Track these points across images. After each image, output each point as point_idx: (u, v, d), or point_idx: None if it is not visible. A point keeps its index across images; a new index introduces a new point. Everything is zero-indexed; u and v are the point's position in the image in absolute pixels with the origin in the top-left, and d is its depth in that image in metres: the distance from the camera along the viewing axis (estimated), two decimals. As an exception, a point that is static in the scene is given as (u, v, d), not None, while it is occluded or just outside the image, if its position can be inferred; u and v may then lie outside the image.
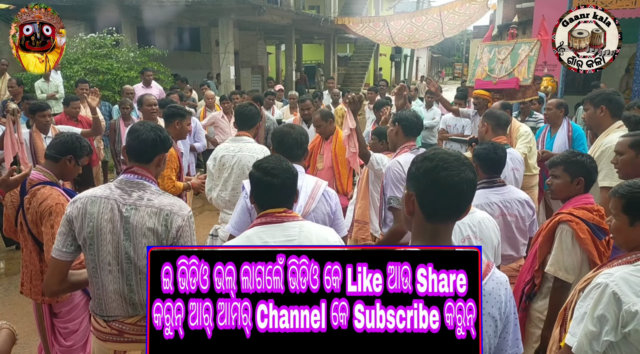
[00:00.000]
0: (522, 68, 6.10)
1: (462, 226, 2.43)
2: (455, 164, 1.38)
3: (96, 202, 2.12)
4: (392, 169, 3.18)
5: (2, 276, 5.25)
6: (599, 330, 1.74)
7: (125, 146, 2.25)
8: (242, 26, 17.06)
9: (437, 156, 1.41)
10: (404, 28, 16.33)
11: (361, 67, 23.93)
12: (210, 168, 3.80)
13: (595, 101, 3.56)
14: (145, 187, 2.17)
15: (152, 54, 11.65)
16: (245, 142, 3.74)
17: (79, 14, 12.96)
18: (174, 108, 4.22)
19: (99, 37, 11.37)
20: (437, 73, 50.10)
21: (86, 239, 2.12)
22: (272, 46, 25.37)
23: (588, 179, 2.73)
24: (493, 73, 6.30)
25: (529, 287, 2.78)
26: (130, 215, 2.10)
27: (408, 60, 32.72)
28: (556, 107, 5.19)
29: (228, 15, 13.52)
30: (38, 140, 5.03)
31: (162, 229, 2.10)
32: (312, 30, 20.69)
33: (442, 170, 1.37)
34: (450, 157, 1.41)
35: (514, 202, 3.14)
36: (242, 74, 18.76)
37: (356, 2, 25.67)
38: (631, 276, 1.75)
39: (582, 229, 2.54)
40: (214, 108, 8.24)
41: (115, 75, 10.43)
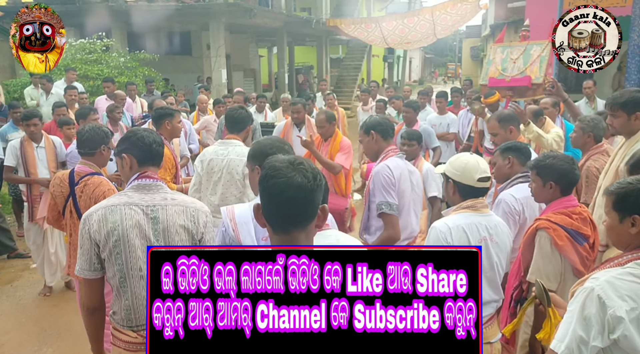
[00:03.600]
0: (534, 67, 6.24)
1: (480, 227, 2.40)
2: (284, 171, 1.35)
3: (116, 211, 2.10)
4: (381, 174, 3.08)
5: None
6: (587, 335, 1.68)
7: (136, 152, 2.24)
8: (233, 29, 17.04)
9: (269, 163, 1.39)
10: (396, 29, 16.41)
11: (354, 68, 23.95)
12: (198, 170, 3.74)
13: (629, 108, 3.17)
14: (163, 189, 2.21)
15: (143, 58, 11.60)
16: (234, 146, 3.68)
17: (69, 19, 12.82)
18: (160, 110, 4.28)
19: (89, 42, 11.30)
20: (430, 73, 50.29)
21: (112, 250, 2.09)
22: (264, 49, 25.37)
23: (562, 183, 2.65)
24: (506, 72, 6.45)
25: (517, 292, 2.75)
26: (159, 215, 2.12)
27: (401, 61, 32.78)
28: (552, 106, 5.21)
29: (219, 18, 13.50)
30: (29, 149, 4.95)
31: (192, 226, 2.16)
32: (304, 33, 20.70)
33: (270, 178, 1.36)
34: (281, 163, 1.37)
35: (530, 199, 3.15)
36: (234, 77, 18.74)
37: (348, 4, 25.72)
38: (617, 280, 1.70)
39: (560, 235, 2.49)
40: (207, 112, 8.22)
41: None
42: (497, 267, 2.43)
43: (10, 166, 4.95)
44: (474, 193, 2.47)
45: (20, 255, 5.93)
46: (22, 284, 5.33)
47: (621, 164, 3.10)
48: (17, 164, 4.95)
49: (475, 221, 2.40)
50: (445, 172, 2.54)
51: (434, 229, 2.37)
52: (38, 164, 4.96)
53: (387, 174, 3.05)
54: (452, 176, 2.49)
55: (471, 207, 2.44)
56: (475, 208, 2.44)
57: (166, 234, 2.11)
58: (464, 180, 2.46)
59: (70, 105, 6.85)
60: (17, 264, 5.82)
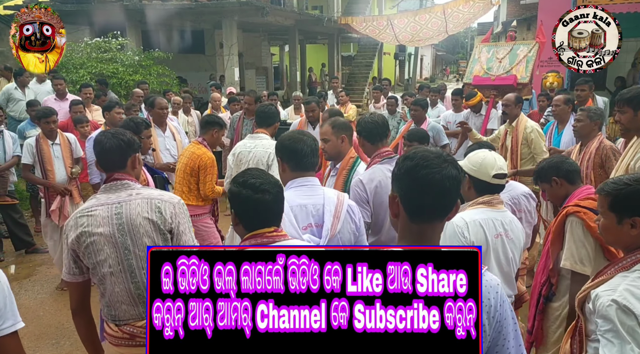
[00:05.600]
0: (520, 67, 6.25)
1: (496, 223, 2.42)
2: (436, 162, 1.35)
3: (84, 214, 2.15)
4: (352, 188, 2.88)
5: (13, 280, 5.29)
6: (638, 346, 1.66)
7: (96, 161, 2.30)
8: (245, 28, 17.08)
9: (417, 154, 1.38)
10: (407, 26, 16.33)
11: (365, 66, 23.87)
12: (230, 163, 4.11)
13: (635, 103, 3.17)
14: (131, 186, 2.22)
15: (157, 57, 11.70)
16: (261, 140, 4.04)
17: (85, 18, 13.02)
18: (214, 117, 4.54)
19: (104, 41, 11.42)
20: (441, 71, 49.94)
21: (84, 252, 2.14)
22: (275, 47, 25.39)
23: (566, 176, 2.80)
24: (491, 71, 6.46)
25: (545, 287, 2.77)
26: (122, 210, 2.13)
27: (412, 58, 32.62)
28: (564, 103, 5.16)
29: (231, 17, 13.55)
30: (44, 146, 5.04)
31: (158, 217, 2.15)
32: (315, 31, 20.69)
33: (422, 168, 1.34)
34: (430, 154, 1.37)
35: (521, 197, 3.19)
36: (247, 75, 18.78)
37: (359, 2, 25.62)
38: (632, 287, 1.73)
39: (591, 218, 2.52)
40: (220, 110, 8.28)
41: (120, 79, 10.48)
42: (512, 263, 2.46)
43: (27, 164, 5.06)
44: (489, 189, 2.50)
45: (38, 250, 6.04)
46: (40, 278, 5.43)
47: (632, 162, 3.09)
48: (34, 161, 5.04)
49: (492, 217, 2.43)
50: (462, 167, 2.54)
51: (450, 224, 2.37)
52: (54, 161, 5.06)
53: (358, 190, 2.84)
54: (469, 171, 2.52)
55: (487, 203, 2.47)
56: (491, 204, 2.47)
57: (130, 228, 2.12)
58: (480, 176, 2.48)
59: (87, 103, 6.94)
60: (35, 259, 5.93)
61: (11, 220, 5.87)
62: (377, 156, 2.96)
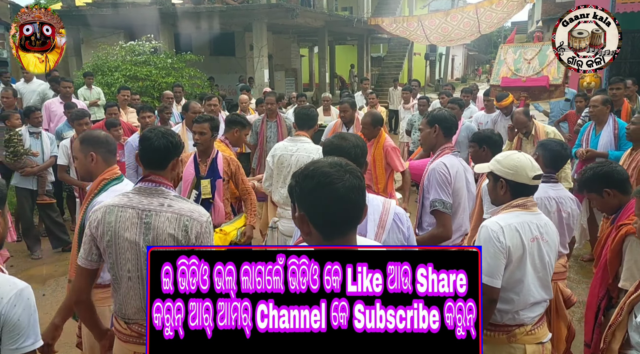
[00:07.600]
0: (552, 68, 6.12)
1: (532, 226, 2.36)
2: (336, 175, 1.33)
3: (113, 212, 2.15)
4: (437, 171, 3.00)
5: (50, 278, 5.46)
6: None
7: (138, 154, 2.26)
8: (275, 30, 17.22)
9: (317, 171, 1.35)
10: (439, 27, 16.12)
11: (395, 67, 23.70)
12: (269, 164, 4.08)
13: None
14: (164, 194, 2.20)
15: (189, 59, 11.92)
16: (302, 142, 4.01)
17: (118, 22, 13.38)
18: (236, 116, 4.58)
19: (137, 44, 11.70)
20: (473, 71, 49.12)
21: (105, 249, 2.17)
22: (305, 49, 25.47)
23: (618, 186, 2.70)
24: (520, 72, 6.35)
25: (604, 301, 2.70)
26: (151, 221, 2.13)
27: (443, 58, 32.21)
28: (602, 103, 5.01)
29: (261, 19, 13.69)
30: (78, 147, 5.21)
31: (182, 235, 2.12)
32: (345, 32, 20.67)
33: (325, 186, 1.32)
34: (330, 169, 1.35)
35: (567, 199, 3.13)
36: (276, 77, 18.93)
37: (389, 2, 25.48)
38: None
39: None
40: (248, 112, 8.38)
41: (153, 81, 10.69)
42: (548, 266, 2.41)
43: (62, 165, 5.24)
44: (526, 191, 2.44)
45: (74, 249, 6.21)
46: (76, 276, 5.58)
47: None
48: (69, 162, 5.21)
49: (527, 220, 2.37)
50: (494, 171, 2.48)
51: (484, 228, 2.32)
52: None
53: (443, 172, 2.97)
54: (504, 175, 2.43)
55: (522, 206, 2.40)
56: (526, 207, 2.40)
57: (155, 242, 2.11)
58: (518, 179, 2.40)
59: (122, 105, 7.12)
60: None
61: (49, 219, 6.06)
62: (447, 148, 3.14)
